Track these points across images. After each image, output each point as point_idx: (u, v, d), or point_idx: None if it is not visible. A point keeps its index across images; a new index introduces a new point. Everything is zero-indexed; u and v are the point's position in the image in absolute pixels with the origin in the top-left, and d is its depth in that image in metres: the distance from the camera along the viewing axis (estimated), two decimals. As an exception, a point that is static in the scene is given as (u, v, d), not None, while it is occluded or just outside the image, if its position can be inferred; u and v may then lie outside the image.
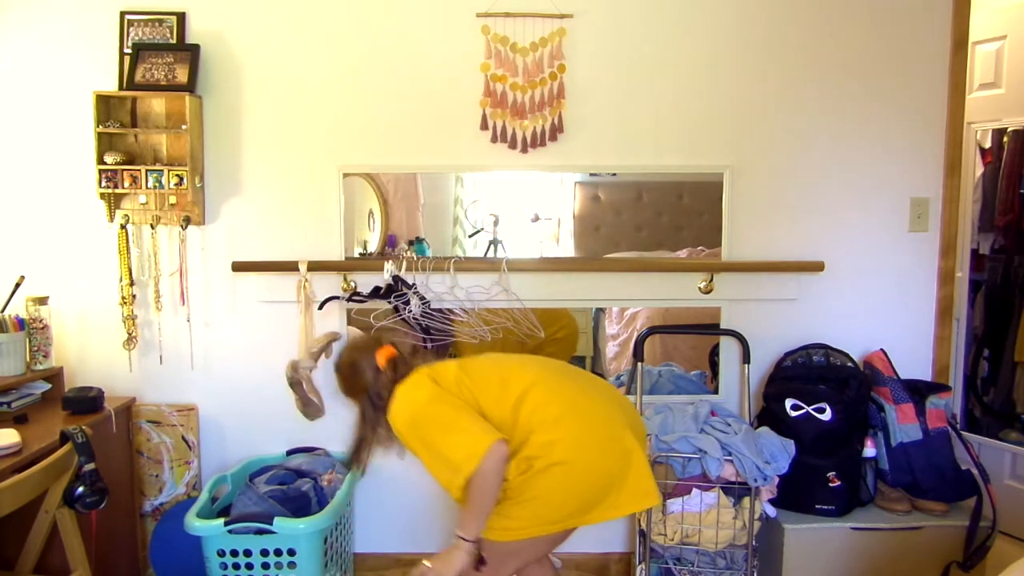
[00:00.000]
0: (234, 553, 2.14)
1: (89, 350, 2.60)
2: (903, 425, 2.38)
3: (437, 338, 2.51)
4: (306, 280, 2.48)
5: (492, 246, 2.60)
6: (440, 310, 2.51)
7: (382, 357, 1.87)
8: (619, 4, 2.51)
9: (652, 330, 2.59)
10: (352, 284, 2.53)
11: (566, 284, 2.58)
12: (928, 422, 2.38)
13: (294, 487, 2.29)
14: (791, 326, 2.61)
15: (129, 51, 2.47)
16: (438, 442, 1.72)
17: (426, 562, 1.73)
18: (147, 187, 2.44)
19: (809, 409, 2.34)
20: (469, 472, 1.64)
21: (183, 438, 2.61)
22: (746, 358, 2.56)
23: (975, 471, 2.34)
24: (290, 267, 2.49)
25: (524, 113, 2.51)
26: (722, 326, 2.60)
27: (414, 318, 2.45)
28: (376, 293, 2.47)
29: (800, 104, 2.56)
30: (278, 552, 2.14)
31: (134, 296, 2.54)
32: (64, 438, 1.86)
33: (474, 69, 2.50)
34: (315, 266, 2.49)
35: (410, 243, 2.58)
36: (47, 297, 2.48)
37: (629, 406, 1.91)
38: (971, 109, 2.86)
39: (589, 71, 2.52)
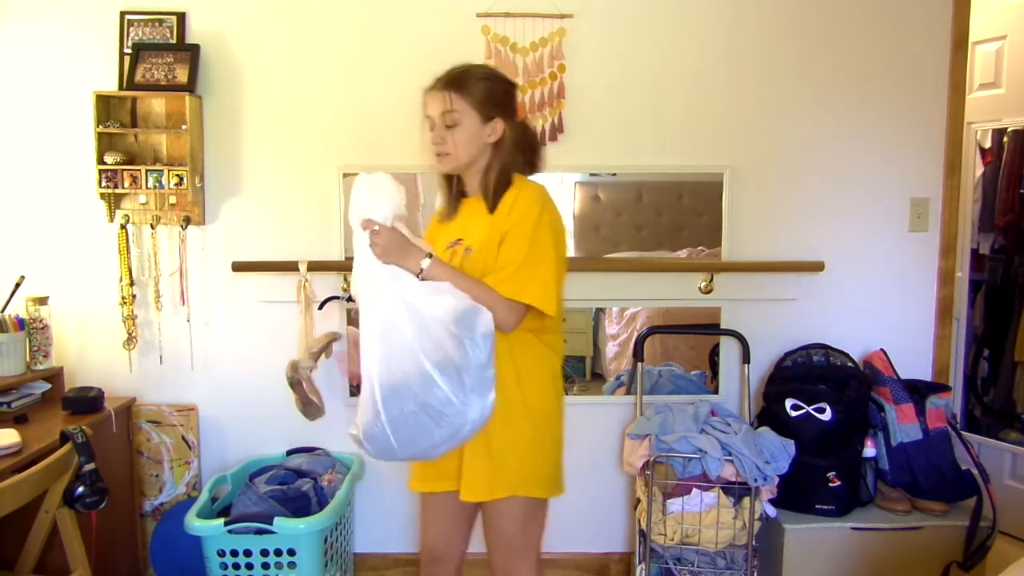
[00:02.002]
0: (234, 553, 2.14)
1: (89, 350, 2.60)
2: (903, 425, 2.38)
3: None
4: (306, 280, 2.48)
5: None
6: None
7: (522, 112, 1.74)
8: (619, 4, 2.51)
9: (652, 330, 2.59)
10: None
11: (566, 284, 2.57)
12: (928, 422, 2.38)
13: (294, 487, 2.29)
14: (791, 326, 2.61)
15: (129, 51, 2.47)
16: (533, 258, 1.60)
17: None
18: (147, 187, 2.44)
19: (809, 409, 2.34)
20: (523, 300, 1.59)
21: (183, 438, 2.61)
22: (746, 358, 2.56)
23: (975, 471, 2.34)
24: (290, 267, 2.49)
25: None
26: (722, 326, 2.60)
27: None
28: (376, 293, 2.47)
29: (800, 104, 2.56)
30: (278, 552, 2.14)
31: (134, 296, 2.54)
32: (64, 438, 1.85)
33: (474, 69, 2.50)
34: (315, 266, 2.48)
35: (410, 243, 2.57)
36: (47, 297, 2.48)
37: None
38: (971, 109, 2.86)
39: (589, 71, 2.52)
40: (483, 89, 1.68)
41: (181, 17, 2.50)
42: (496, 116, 1.69)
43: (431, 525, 1.82)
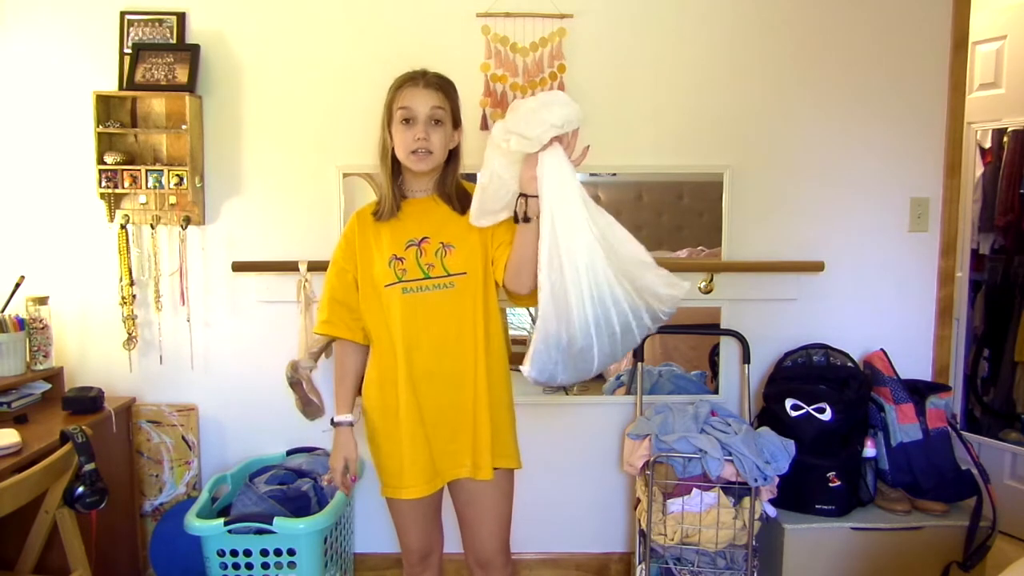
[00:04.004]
0: (234, 553, 2.14)
1: (89, 350, 2.60)
2: (903, 425, 2.38)
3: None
4: (306, 280, 2.48)
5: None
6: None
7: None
8: (619, 4, 2.51)
9: (652, 330, 2.58)
10: (352, 284, 2.53)
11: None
12: (928, 422, 2.38)
13: (294, 487, 2.29)
14: (791, 326, 2.61)
15: (129, 51, 2.47)
16: None
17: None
18: (147, 187, 2.44)
19: (809, 409, 2.34)
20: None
21: (183, 438, 2.61)
22: (746, 358, 2.56)
23: (975, 471, 2.34)
24: (290, 267, 2.49)
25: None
26: (722, 326, 2.60)
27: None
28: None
29: (800, 104, 2.56)
30: (278, 552, 2.15)
31: (134, 296, 2.54)
32: (64, 438, 1.86)
33: (474, 69, 2.50)
34: (315, 266, 2.48)
35: (410, 243, 2.58)
36: (47, 297, 2.48)
37: None
38: (971, 109, 2.86)
39: (589, 71, 2.52)
40: (456, 97, 1.79)
41: (181, 17, 2.50)
42: (459, 124, 1.80)
43: (413, 526, 1.87)
